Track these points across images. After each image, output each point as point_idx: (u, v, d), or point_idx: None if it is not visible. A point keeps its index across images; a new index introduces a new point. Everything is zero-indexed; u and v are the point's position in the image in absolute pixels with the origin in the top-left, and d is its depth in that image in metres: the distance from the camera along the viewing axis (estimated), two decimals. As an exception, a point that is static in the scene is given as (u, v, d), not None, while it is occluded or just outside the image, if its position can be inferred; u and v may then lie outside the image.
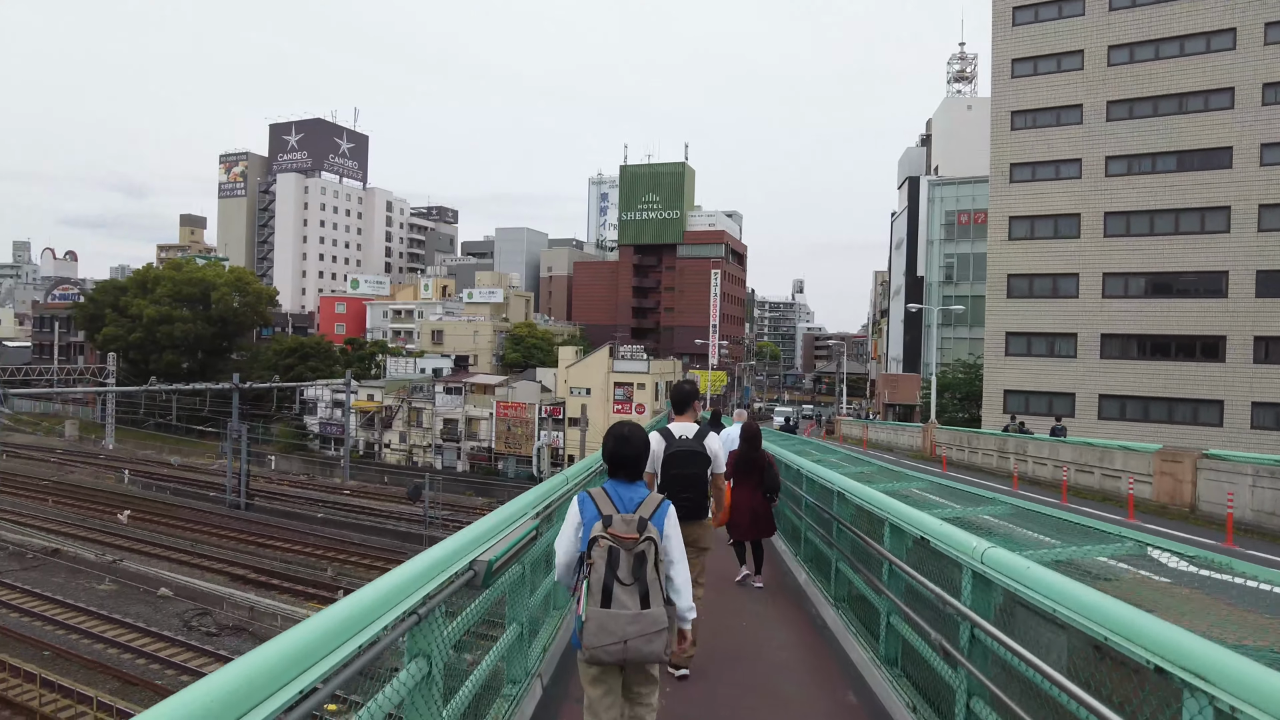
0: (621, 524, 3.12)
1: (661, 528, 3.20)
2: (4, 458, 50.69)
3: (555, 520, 4.63)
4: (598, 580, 3.03)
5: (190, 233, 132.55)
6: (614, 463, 3.40)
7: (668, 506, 3.31)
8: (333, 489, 45.18)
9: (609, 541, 3.07)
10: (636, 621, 2.99)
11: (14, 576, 26.77)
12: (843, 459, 8.90)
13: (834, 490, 5.89)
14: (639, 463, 3.41)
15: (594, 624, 3.00)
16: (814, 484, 6.93)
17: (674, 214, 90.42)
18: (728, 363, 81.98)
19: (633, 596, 3.01)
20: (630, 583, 3.02)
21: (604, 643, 2.98)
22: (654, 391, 50.99)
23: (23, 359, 75.47)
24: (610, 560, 3.04)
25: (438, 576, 2.46)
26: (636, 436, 3.43)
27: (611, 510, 3.19)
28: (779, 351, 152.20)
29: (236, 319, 67.40)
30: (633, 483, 3.37)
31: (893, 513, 4.24)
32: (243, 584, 26.49)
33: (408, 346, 74.71)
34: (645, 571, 3.05)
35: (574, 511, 3.30)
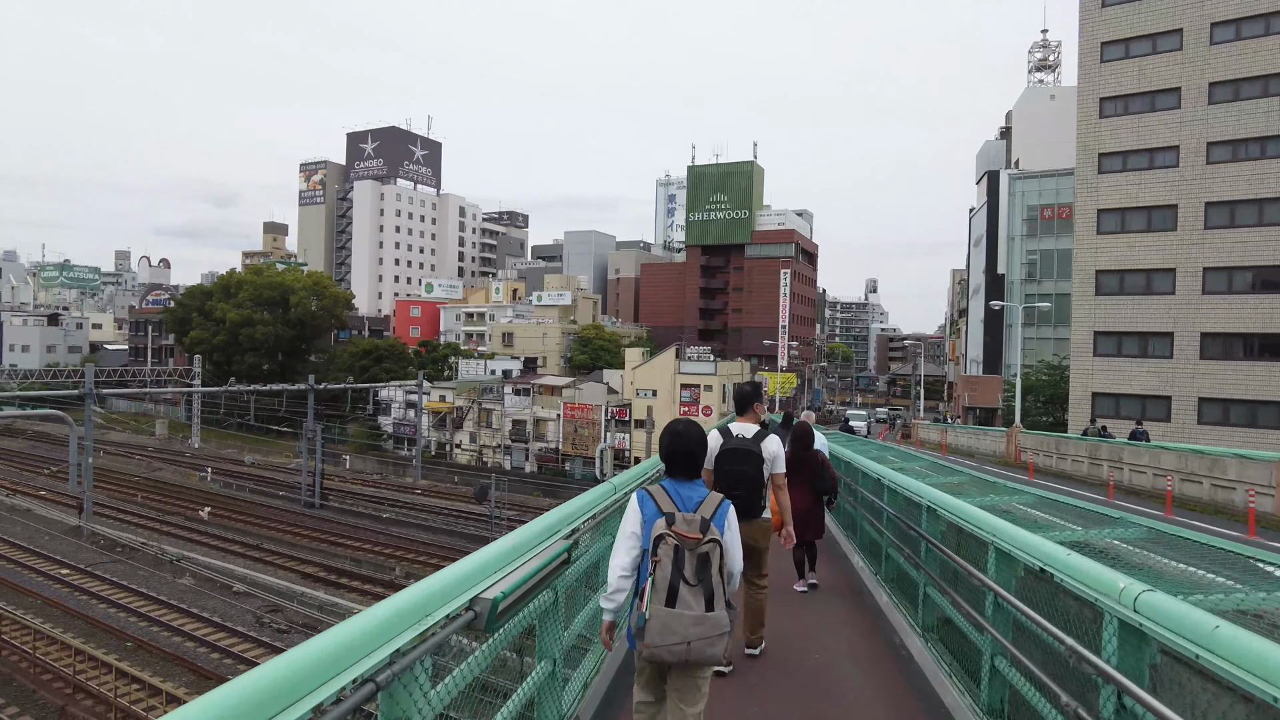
0: (684, 523, 3.09)
1: (723, 528, 3.17)
2: (101, 455, 53.28)
3: (599, 535, 4.21)
4: (663, 578, 3.00)
5: (273, 239, 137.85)
6: (670, 460, 3.36)
7: (728, 507, 3.27)
8: (404, 488, 45.87)
9: (675, 540, 3.04)
10: (700, 624, 2.95)
11: (104, 569, 27.80)
12: (927, 466, 8.08)
13: (922, 504, 5.13)
14: (695, 459, 3.36)
15: (657, 622, 2.97)
16: (896, 495, 6.18)
17: (742, 214, 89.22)
18: (797, 364, 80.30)
19: (698, 598, 2.98)
20: (695, 584, 3.00)
21: (667, 642, 2.95)
22: (721, 393, 50.14)
23: (120, 361, 79.51)
24: (677, 559, 3.02)
25: (416, 625, 1.84)
26: (691, 432, 3.39)
27: (672, 508, 3.16)
28: (851, 353, 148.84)
29: (314, 322, 69.35)
30: (691, 480, 3.33)
31: (999, 535, 3.51)
32: (313, 582, 26.90)
33: (479, 349, 75.70)
34: (710, 573, 3.02)
35: (633, 509, 3.28)
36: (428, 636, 1.85)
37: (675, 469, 3.35)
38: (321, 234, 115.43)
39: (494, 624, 2.10)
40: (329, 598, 24.77)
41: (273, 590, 25.75)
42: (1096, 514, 4.09)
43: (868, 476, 7.72)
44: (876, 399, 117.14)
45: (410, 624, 1.81)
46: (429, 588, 1.97)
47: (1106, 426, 27.01)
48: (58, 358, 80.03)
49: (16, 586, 25.62)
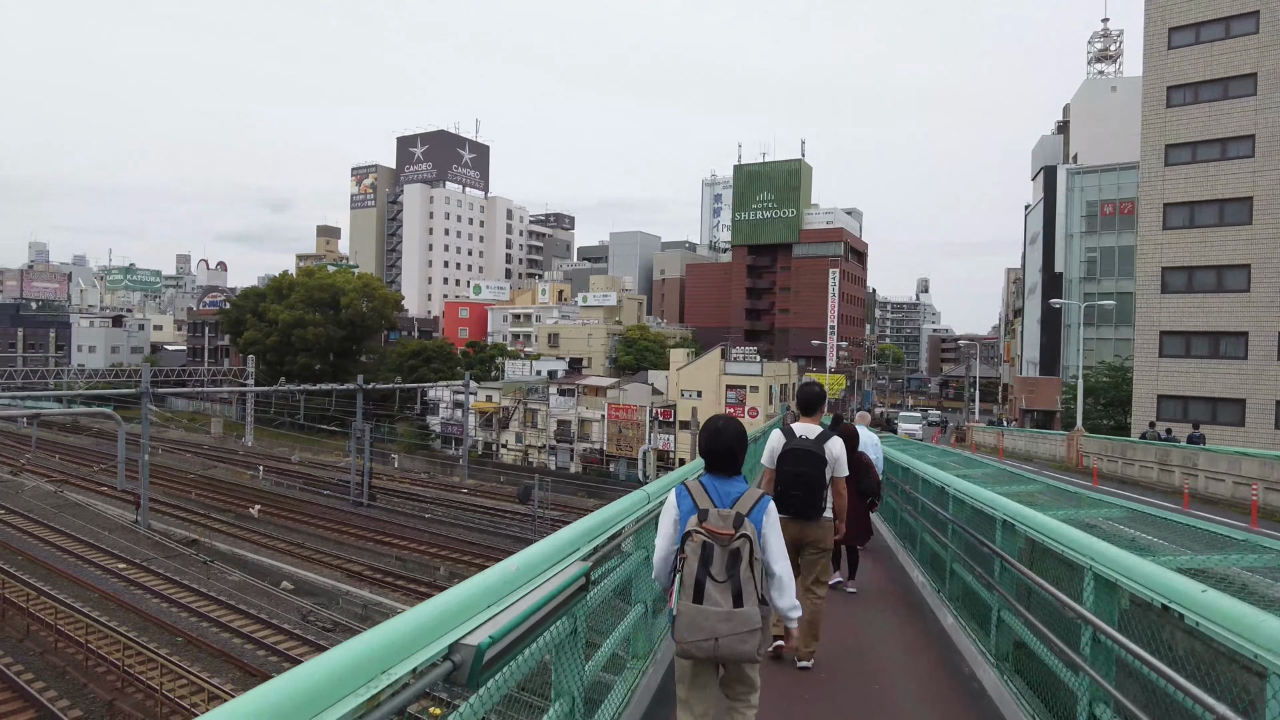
0: (718, 519, 3.07)
1: (759, 524, 3.15)
2: (159, 453, 54.72)
3: (635, 545, 3.85)
4: (690, 574, 3.01)
5: (325, 243, 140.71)
6: (709, 455, 3.35)
7: (767, 503, 3.25)
8: (451, 488, 46.11)
9: (703, 536, 3.04)
10: (728, 620, 2.94)
11: (159, 564, 28.35)
12: (992, 473, 7.48)
13: (995, 517, 4.51)
14: (734, 455, 3.34)
15: (685, 619, 2.99)
16: (963, 505, 5.58)
17: (789, 212, 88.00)
18: (847, 365, 78.83)
19: (725, 594, 2.96)
20: (723, 580, 2.98)
21: (695, 638, 2.96)
22: (767, 395, 49.31)
23: (179, 361, 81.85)
24: (704, 555, 3.01)
25: (365, 687, 1.33)
26: (730, 429, 3.38)
27: (708, 504, 3.15)
28: (902, 354, 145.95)
29: (364, 322, 70.34)
30: (730, 477, 3.32)
31: (1099, 558, 2.94)
32: (358, 580, 27.02)
33: (526, 349, 76.02)
34: (739, 569, 3.00)
35: (671, 504, 3.29)
36: (380, 701, 1.36)
37: (714, 465, 3.34)
38: (373, 237, 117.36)
39: (480, 676, 1.64)
40: (373, 597, 24.83)
41: (318, 589, 25.93)
42: (1209, 534, 3.50)
43: (929, 484, 7.11)
44: (928, 401, 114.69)
45: (360, 683, 1.33)
46: (393, 632, 1.49)
47: (1171, 429, 25.67)
48: (121, 358, 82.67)
49: (77, 580, 26.25)
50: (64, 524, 33.44)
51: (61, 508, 36.56)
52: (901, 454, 9.63)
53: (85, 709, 15.41)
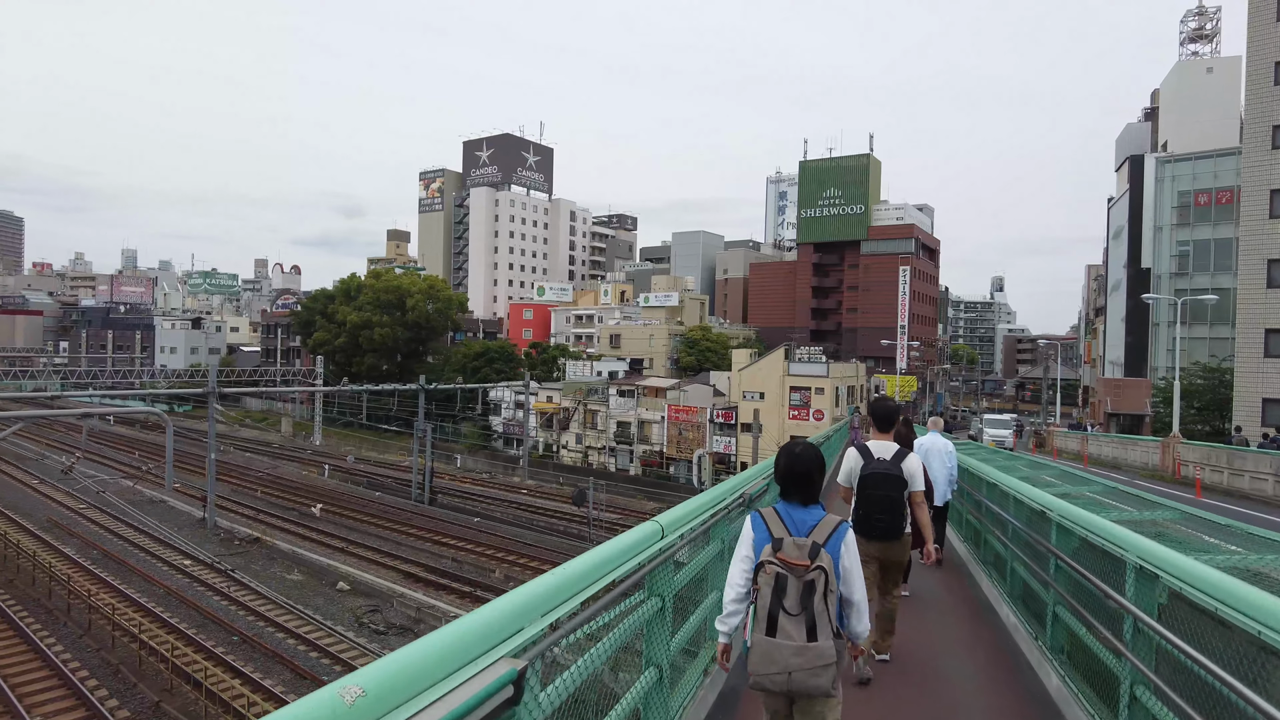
0: (793, 548, 3.01)
1: (837, 555, 3.06)
2: (230, 450, 56.26)
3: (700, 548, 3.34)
4: (763, 607, 2.96)
5: (396, 246, 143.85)
6: (785, 482, 3.27)
7: (845, 531, 3.14)
8: (511, 488, 45.98)
9: (776, 567, 2.99)
10: (801, 654, 2.89)
11: (222, 562, 28.74)
12: (1102, 492, 6.34)
13: (1128, 561, 3.35)
14: (812, 482, 3.23)
15: (758, 652, 2.95)
16: (1068, 536, 4.52)
17: (858, 209, 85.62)
18: (918, 366, 76.15)
19: (799, 628, 2.91)
20: (797, 613, 2.92)
21: (768, 671, 2.92)
22: (833, 397, 47.65)
23: (254, 362, 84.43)
24: (777, 587, 2.96)
25: None
26: (809, 454, 3.28)
27: (783, 533, 3.08)
28: (976, 355, 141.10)
29: (429, 324, 71.17)
30: (807, 505, 3.22)
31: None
32: (414, 582, 26.81)
33: (588, 350, 75.84)
34: (814, 601, 2.93)
35: (746, 531, 3.21)
36: None
37: (790, 492, 3.24)
38: (440, 240, 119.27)
39: None
40: (427, 599, 24.54)
41: (374, 590, 25.80)
42: None
43: (1020, 504, 5.99)
44: (1003, 404, 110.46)
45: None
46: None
47: (1272, 433, 23.46)
48: (200, 358, 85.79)
49: (146, 575, 26.73)
50: (139, 520, 34.37)
51: (137, 503, 37.64)
52: (985, 465, 8.37)
53: (133, 709, 15.35)
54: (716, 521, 4.05)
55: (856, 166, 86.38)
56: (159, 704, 15.50)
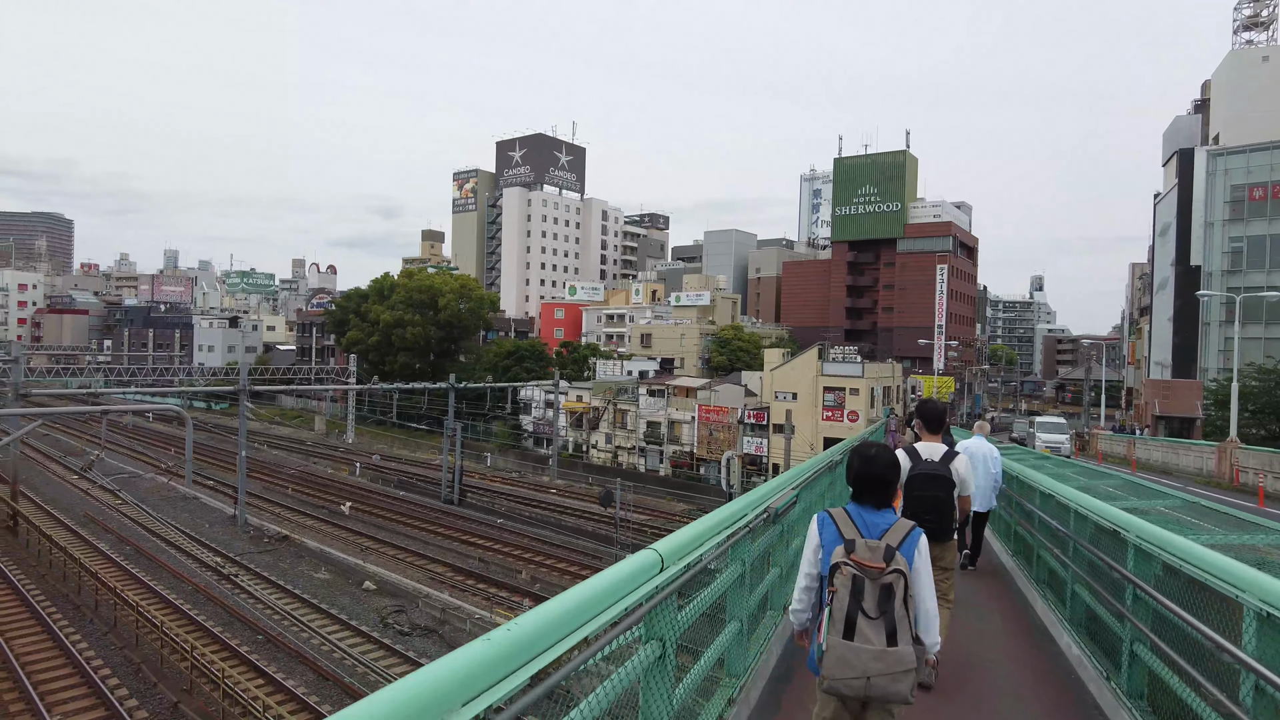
0: (866, 551, 2.94)
1: (911, 558, 2.98)
2: (264, 448, 56.79)
3: None
4: (840, 609, 2.88)
5: (430, 247, 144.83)
6: (859, 485, 3.18)
7: (918, 535, 3.06)
8: (540, 487, 45.71)
9: (853, 569, 2.91)
10: (881, 659, 2.80)
11: (250, 559, 28.77)
12: (1180, 508, 5.67)
13: (1246, 605, 2.71)
14: (887, 485, 3.16)
15: (834, 655, 2.87)
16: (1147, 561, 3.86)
17: (893, 206, 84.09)
18: (956, 367, 74.51)
19: (878, 631, 2.83)
20: (876, 616, 2.85)
21: (844, 676, 2.84)
22: (869, 398, 46.59)
23: (289, 360, 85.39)
24: (855, 589, 2.89)
25: None
26: (884, 457, 3.19)
27: (854, 534, 3.02)
28: (1015, 355, 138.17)
29: (461, 323, 71.28)
30: (880, 508, 3.14)
31: None
32: (440, 583, 26.55)
33: (619, 350, 75.43)
34: (893, 606, 2.86)
35: (813, 533, 3.19)
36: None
37: (864, 495, 3.17)
38: (474, 240, 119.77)
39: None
40: (452, 600, 24.23)
41: (400, 590, 25.58)
42: None
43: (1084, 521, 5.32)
44: (1042, 405, 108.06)
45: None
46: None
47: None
48: (236, 357, 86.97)
49: (175, 572, 26.81)
50: (173, 516, 34.64)
51: (170, 499, 37.99)
52: (1045, 480, 7.61)
53: (151, 710, 15.19)
54: (737, 540, 3.52)
55: (892, 163, 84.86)
56: (177, 705, 15.32)
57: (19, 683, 15.49)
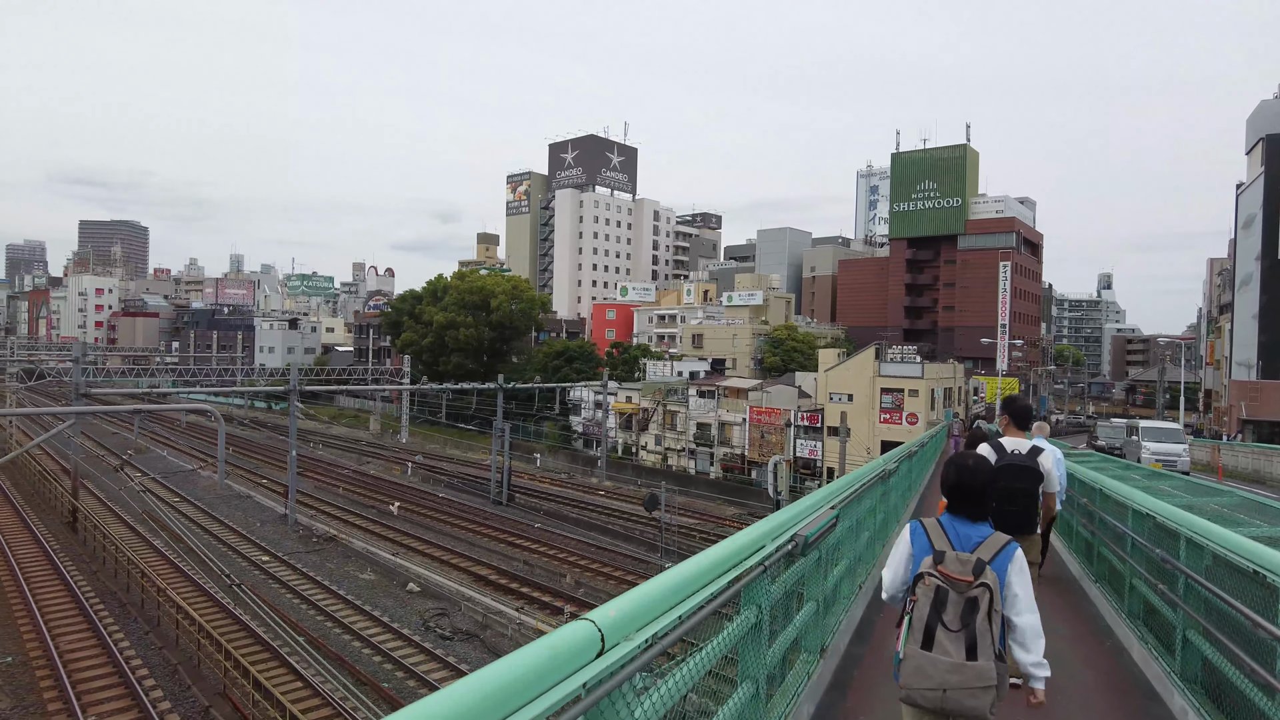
0: (955, 563, 2.91)
1: (1003, 573, 2.93)
2: (319, 447, 57.60)
3: None
4: (920, 619, 2.86)
5: (485, 249, 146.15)
6: (954, 496, 3.14)
7: (1013, 551, 2.99)
8: (589, 489, 45.23)
9: (937, 580, 2.89)
10: (958, 672, 2.76)
11: (299, 559, 28.85)
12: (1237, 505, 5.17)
13: None
14: (984, 499, 3.09)
15: (911, 664, 2.86)
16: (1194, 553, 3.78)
17: (954, 202, 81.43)
18: (1020, 368, 71.71)
19: (957, 644, 2.79)
20: (957, 629, 2.80)
21: (920, 686, 2.82)
22: (928, 399, 44.85)
23: (347, 361, 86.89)
24: (936, 600, 2.86)
25: None
26: (982, 469, 3.14)
27: (945, 546, 2.99)
28: (1082, 356, 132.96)
29: (512, 324, 71.42)
30: (975, 521, 3.08)
31: None
32: (484, 585, 26.15)
33: (670, 350, 74.65)
34: (975, 620, 2.80)
35: (904, 540, 3.17)
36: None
37: (959, 506, 3.11)
38: (527, 242, 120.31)
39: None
40: (495, 604, 23.75)
41: (444, 592, 25.25)
42: None
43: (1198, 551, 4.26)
44: (1111, 407, 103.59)
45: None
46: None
47: None
48: (296, 358, 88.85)
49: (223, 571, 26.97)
50: (227, 515, 35.13)
51: (225, 498, 38.59)
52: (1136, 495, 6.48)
53: (184, 713, 14.99)
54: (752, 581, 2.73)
55: (952, 158, 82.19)
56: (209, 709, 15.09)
57: (59, 681, 15.47)
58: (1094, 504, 8.38)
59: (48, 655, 16.79)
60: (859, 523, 5.34)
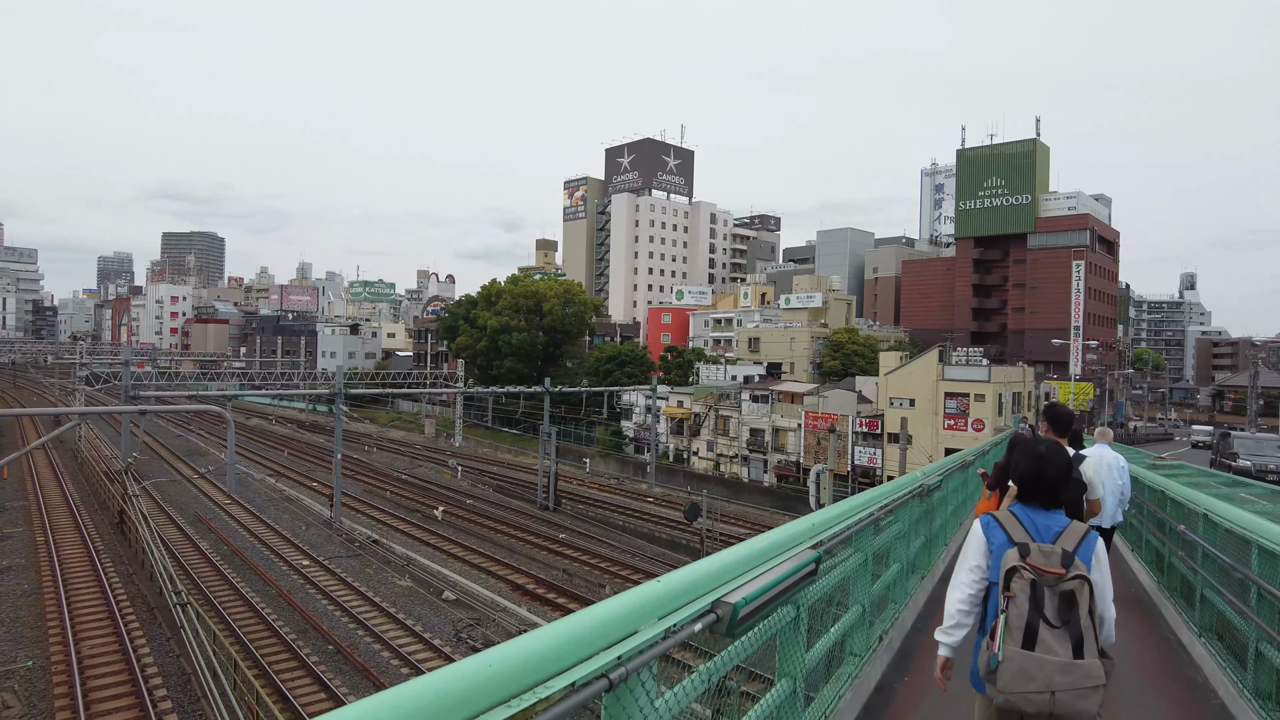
0: (1040, 555, 2.75)
1: (1089, 563, 2.76)
2: (374, 450, 57.95)
3: None
4: (1018, 616, 2.67)
5: (544, 255, 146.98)
6: (1029, 485, 2.96)
7: (1094, 540, 2.83)
8: (638, 495, 44.17)
9: (1030, 574, 2.71)
10: (1067, 672, 2.57)
11: (338, 563, 28.53)
12: None
13: None
14: (1058, 488, 2.92)
15: (1013, 666, 2.64)
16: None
17: (1023, 199, 77.91)
18: (1095, 372, 67.96)
19: (1063, 642, 2.61)
20: (1059, 625, 2.64)
21: (1025, 690, 2.61)
22: (995, 405, 42.44)
23: (407, 365, 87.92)
24: (1035, 596, 2.68)
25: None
26: (1056, 456, 2.93)
27: (1025, 538, 2.83)
28: (1162, 360, 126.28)
29: (564, 328, 71.03)
30: (1049, 510, 2.91)
31: None
32: (522, 594, 25.32)
33: (726, 354, 73.24)
34: (1077, 614, 2.65)
35: (978, 538, 2.99)
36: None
37: (1032, 495, 2.94)
38: (583, 247, 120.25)
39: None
40: (531, 616, 22.86)
41: (479, 601, 24.48)
42: None
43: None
44: (1195, 415, 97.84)
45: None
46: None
47: None
48: (356, 363, 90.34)
49: (263, 574, 26.77)
50: (275, 518, 35.18)
51: (275, 501, 38.78)
52: None
53: (191, 725, 14.43)
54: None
55: (1021, 153, 78.70)
56: (218, 722, 14.50)
57: (73, 689, 15.12)
58: (1143, 497, 8.11)
59: (68, 660, 16.53)
60: (875, 557, 4.17)
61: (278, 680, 18.20)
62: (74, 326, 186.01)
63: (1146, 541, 9.16)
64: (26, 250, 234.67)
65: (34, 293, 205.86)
